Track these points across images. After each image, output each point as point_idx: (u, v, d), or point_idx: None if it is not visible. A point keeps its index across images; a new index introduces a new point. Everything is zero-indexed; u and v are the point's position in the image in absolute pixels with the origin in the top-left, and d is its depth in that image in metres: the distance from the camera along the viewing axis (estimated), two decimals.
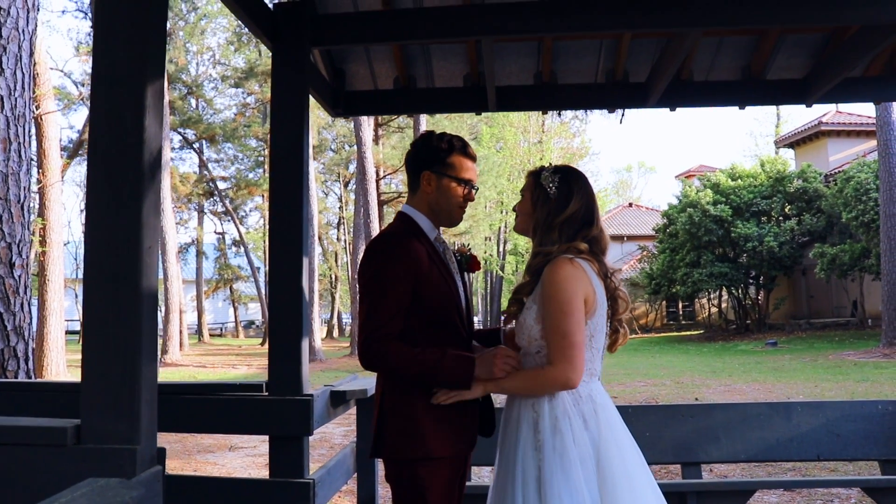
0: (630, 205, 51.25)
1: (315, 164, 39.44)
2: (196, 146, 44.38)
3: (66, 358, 18.80)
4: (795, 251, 27.72)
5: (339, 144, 45.07)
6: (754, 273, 29.04)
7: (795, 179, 28.59)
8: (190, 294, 50.34)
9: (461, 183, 2.81)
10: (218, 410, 3.49)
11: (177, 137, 41.94)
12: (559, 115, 33.11)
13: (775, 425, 4.08)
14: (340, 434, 10.30)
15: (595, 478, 2.40)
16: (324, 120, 37.44)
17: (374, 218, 26.10)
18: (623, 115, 5.10)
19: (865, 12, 3.52)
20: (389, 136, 37.25)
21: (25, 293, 5.12)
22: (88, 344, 1.99)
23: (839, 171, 26.80)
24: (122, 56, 1.96)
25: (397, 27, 3.79)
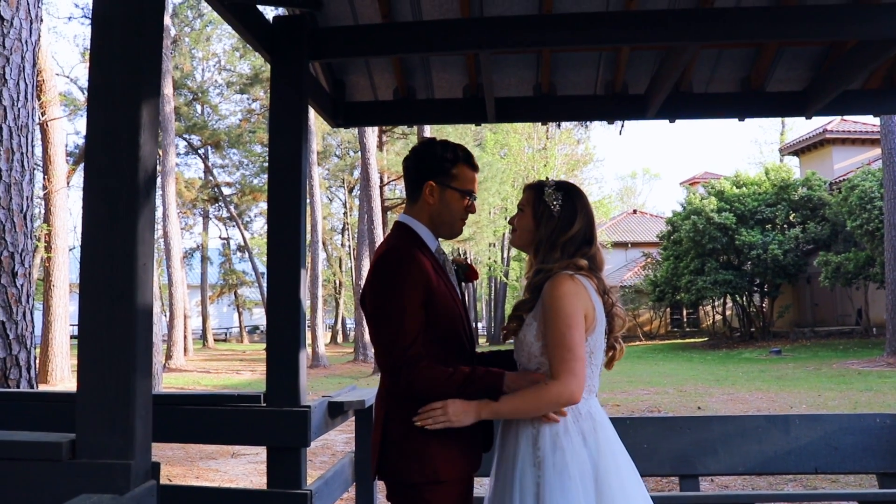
0: (634, 212, 51.18)
1: (319, 169, 39.52)
2: (201, 152, 44.60)
3: (70, 363, 18.87)
4: (800, 259, 27.67)
5: (343, 150, 45.23)
6: (758, 281, 28.99)
7: (800, 187, 28.57)
8: (195, 299, 50.45)
9: (465, 195, 2.74)
10: (216, 421, 3.49)
11: (182, 143, 42.12)
12: (559, 126, 33.12)
13: (773, 438, 4.07)
14: (342, 441, 10.31)
15: (593, 495, 2.40)
16: (328, 126, 37.48)
17: (378, 224, 26.13)
18: (622, 126, 5.11)
19: (862, 28, 3.52)
20: (394, 143, 37.32)
21: (28, 302, 5.15)
22: (84, 359, 2.01)
23: (844, 180, 26.75)
24: (117, 75, 1.98)
25: (396, 40, 3.79)
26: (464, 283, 2.95)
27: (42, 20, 5.61)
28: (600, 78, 4.56)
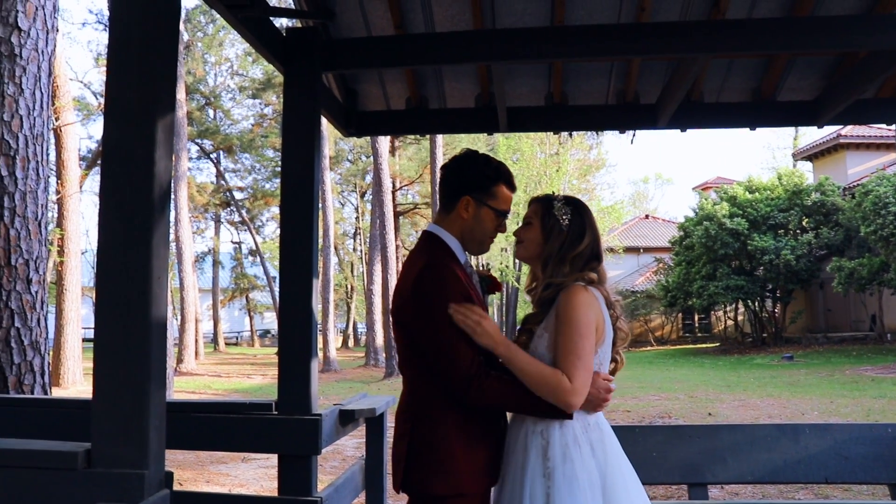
0: (647, 217, 51.09)
1: (332, 174, 39.62)
2: (213, 157, 44.79)
3: (83, 366, 18.98)
4: (813, 265, 27.51)
5: (355, 155, 45.32)
6: (771, 286, 28.84)
7: (813, 192, 28.39)
8: (206, 303, 50.61)
9: (500, 215, 2.72)
10: (228, 429, 3.53)
11: (194, 148, 42.27)
12: (570, 135, 33.07)
13: (783, 447, 4.06)
14: (353, 446, 10.33)
15: None
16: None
17: (390, 229, 26.19)
18: (634, 135, 5.11)
19: (874, 39, 3.51)
20: (406, 148, 37.41)
21: (42, 308, 5.21)
22: (100, 371, 2.04)
23: (857, 185, 26.57)
24: (132, 92, 2.02)
25: (409, 52, 3.79)
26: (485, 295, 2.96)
27: (58, 30, 5.67)
28: (612, 88, 4.57)
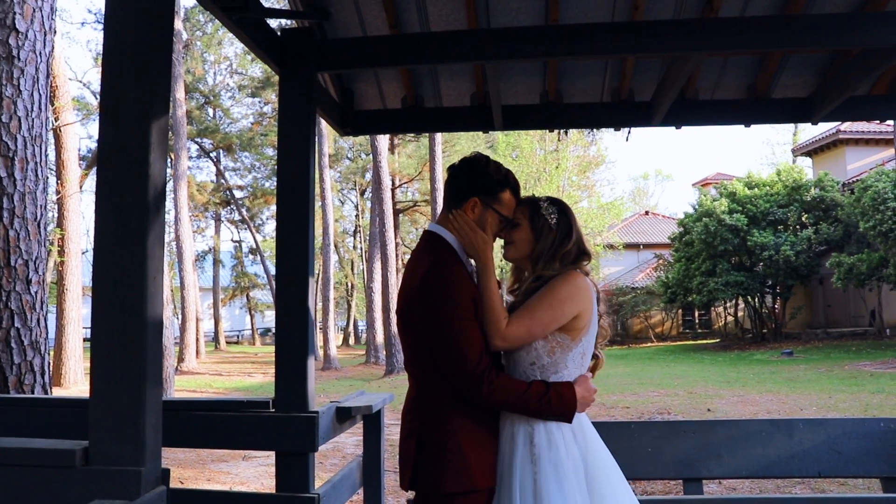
0: (646, 213, 51.07)
1: (331, 172, 39.64)
2: (213, 155, 44.81)
3: (84, 365, 19.00)
4: (812, 260, 27.55)
5: (355, 153, 45.36)
6: (770, 282, 28.88)
7: (812, 188, 28.43)
8: (207, 302, 50.70)
9: (504, 221, 2.74)
10: (226, 427, 3.55)
11: (194, 147, 42.31)
12: (566, 133, 33.10)
13: (777, 442, 4.08)
14: (353, 444, 10.36)
15: (585, 487, 2.55)
16: None
17: (390, 227, 26.22)
18: (629, 133, 5.13)
19: (867, 36, 3.52)
20: (405, 146, 37.41)
21: (42, 309, 5.24)
22: (97, 370, 2.07)
23: (857, 180, 26.60)
24: (127, 95, 2.05)
25: (404, 52, 3.81)
26: None
27: (56, 31, 5.69)
28: (606, 85, 4.59)
